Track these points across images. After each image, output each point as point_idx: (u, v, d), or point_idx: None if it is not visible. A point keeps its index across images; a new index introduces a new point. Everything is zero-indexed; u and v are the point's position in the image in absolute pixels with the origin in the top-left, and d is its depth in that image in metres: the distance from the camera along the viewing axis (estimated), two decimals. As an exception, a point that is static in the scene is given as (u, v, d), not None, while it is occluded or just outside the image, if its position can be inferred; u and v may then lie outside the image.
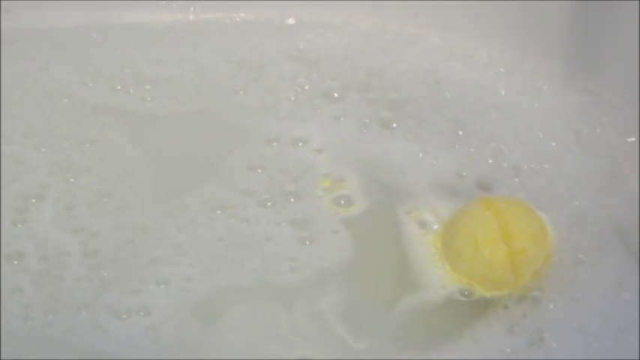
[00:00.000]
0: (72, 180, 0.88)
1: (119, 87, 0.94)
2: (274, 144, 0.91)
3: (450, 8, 0.96)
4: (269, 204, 0.87)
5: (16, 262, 0.82)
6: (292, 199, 0.87)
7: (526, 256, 0.78)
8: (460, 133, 0.91)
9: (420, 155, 0.90)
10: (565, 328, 0.76)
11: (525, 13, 0.94)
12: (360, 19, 0.98)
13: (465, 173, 0.89)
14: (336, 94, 0.94)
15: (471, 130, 0.91)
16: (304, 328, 0.79)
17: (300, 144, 0.91)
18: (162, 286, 0.81)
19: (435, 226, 0.85)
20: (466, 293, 0.80)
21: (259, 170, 0.89)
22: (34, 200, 0.86)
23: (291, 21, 0.99)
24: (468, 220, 0.81)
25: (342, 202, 0.87)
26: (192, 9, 0.99)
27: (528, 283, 0.79)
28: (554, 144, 0.90)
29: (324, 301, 0.81)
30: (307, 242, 0.84)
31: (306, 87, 0.95)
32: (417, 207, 0.87)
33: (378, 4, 0.97)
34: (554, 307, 0.77)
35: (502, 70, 0.95)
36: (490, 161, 0.89)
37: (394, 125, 0.92)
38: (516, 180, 0.88)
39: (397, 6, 0.97)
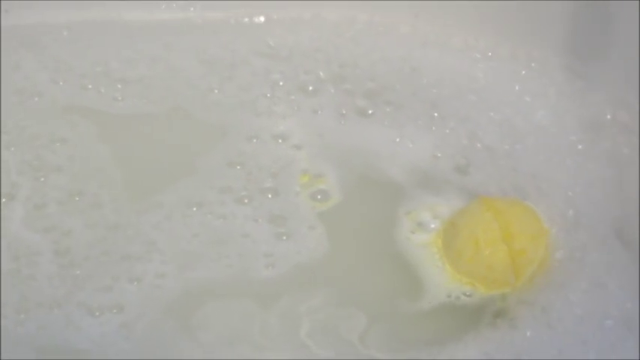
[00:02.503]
0: (42, 179, 0.87)
1: (90, 86, 0.94)
2: (254, 140, 0.90)
3: (419, -3, 0.96)
4: (246, 200, 0.86)
5: (-14, 262, 0.81)
6: (270, 196, 0.86)
7: (526, 256, 0.78)
8: (435, 114, 0.91)
9: (397, 140, 0.90)
10: (544, 354, 0.75)
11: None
12: (329, 13, 0.98)
13: (439, 154, 0.89)
14: (311, 88, 0.94)
15: (448, 114, 0.91)
16: (279, 327, 0.79)
17: (280, 140, 0.91)
18: (135, 283, 0.80)
19: (425, 219, 0.85)
20: (444, 307, 0.79)
21: (238, 167, 0.88)
22: (4, 200, 0.85)
23: (260, 19, 0.98)
24: (468, 221, 0.81)
25: (319, 196, 0.87)
26: (162, 8, 0.98)
27: (527, 282, 0.79)
28: (534, 127, 0.89)
29: (299, 298, 0.80)
30: (284, 238, 0.84)
31: (281, 83, 0.94)
32: (395, 196, 0.87)
33: (345, -4, 0.98)
34: (532, 334, 0.75)
35: (478, 55, 0.94)
36: (465, 142, 0.89)
37: (370, 112, 0.92)
38: (491, 162, 0.88)
39: (365, -3, 0.97)
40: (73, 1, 0.97)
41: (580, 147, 0.87)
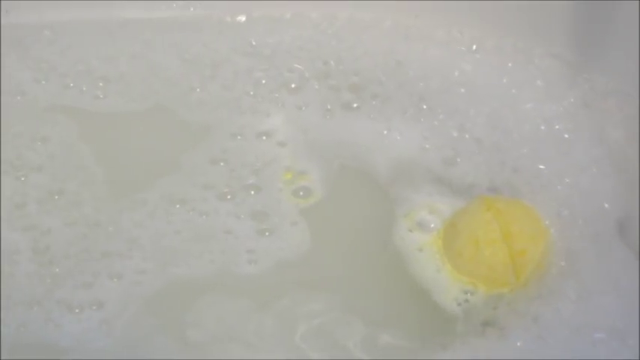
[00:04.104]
0: (23, 179, 0.87)
1: (72, 84, 0.93)
2: (238, 138, 0.90)
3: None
4: (229, 197, 0.86)
5: (-34, 261, 0.81)
6: (253, 192, 0.86)
7: (526, 256, 0.78)
8: (424, 107, 0.91)
9: (385, 132, 0.90)
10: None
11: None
12: (310, 11, 0.97)
13: (428, 146, 0.89)
14: (294, 85, 0.94)
15: (436, 106, 0.91)
16: (261, 323, 0.79)
17: (264, 137, 0.90)
18: (116, 280, 0.80)
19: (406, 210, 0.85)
20: (434, 314, 0.79)
21: (222, 164, 0.88)
22: (-15, 200, 0.85)
23: (241, 18, 0.98)
24: (468, 221, 0.80)
25: (302, 193, 0.87)
26: (143, 7, 0.98)
27: (527, 281, 0.78)
28: (523, 118, 0.89)
29: (281, 294, 0.80)
30: (266, 234, 0.83)
31: (264, 81, 0.94)
32: (380, 190, 0.87)
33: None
34: (522, 344, 0.74)
35: (464, 48, 0.94)
36: (455, 134, 0.89)
37: (355, 106, 0.92)
38: (480, 154, 0.88)
39: (345, -7, 0.97)
40: (53, 1, 0.97)
41: (566, 136, 0.87)
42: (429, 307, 0.79)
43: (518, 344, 0.74)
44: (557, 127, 0.87)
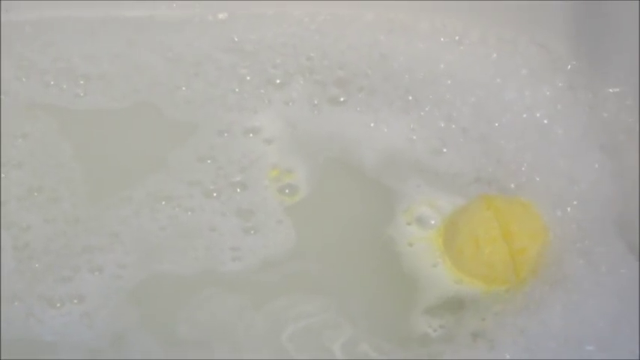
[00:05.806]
0: (3, 175, 0.86)
1: (52, 82, 0.93)
2: (225, 135, 0.90)
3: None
4: (215, 194, 0.85)
5: (-55, 259, 0.80)
6: (239, 190, 0.86)
7: (526, 254, 0.78)
8: (410, 98, 0.90)
9: (372, 125, 0.90)
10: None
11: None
12: (293, 7, 0.97)
13: (415, 137, 0.88)
14: (279, 81, 0.93)
15: (422, 97, 0.90)
16: (243, 320, 0.78)
17: (252, 135, 0.90)
18: (97, 273, 0.79)
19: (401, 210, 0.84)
20: (421, 324, 0.78)
21: (208, 161, 0.88)
22: (-35, 198, 0.84)
23: (223, 15, 0.98)
24: (468, 219, 0.80)
25: (287, 191, 0.86)
26: (125, 5, 0.98)
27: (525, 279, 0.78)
28: (511, 109, 0.88)
29: (265, 292, 0.79)
30: (251, 232, 0.83)
31: (248, 78, 0.93)
32: (367, 186, 0.86)
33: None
34: (511, 357, 0.73)
35: (447, 39, 0.94)
36: (442, 124, 0.88)
37: (341, 99, 0.91)
38: (468, 144, 0.87)
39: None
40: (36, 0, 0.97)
41: (554, 124, 0.87)
42: (423, 308, 0.78)
43: (507, 356, 0.73)
44: (543, 115, 0.87)
